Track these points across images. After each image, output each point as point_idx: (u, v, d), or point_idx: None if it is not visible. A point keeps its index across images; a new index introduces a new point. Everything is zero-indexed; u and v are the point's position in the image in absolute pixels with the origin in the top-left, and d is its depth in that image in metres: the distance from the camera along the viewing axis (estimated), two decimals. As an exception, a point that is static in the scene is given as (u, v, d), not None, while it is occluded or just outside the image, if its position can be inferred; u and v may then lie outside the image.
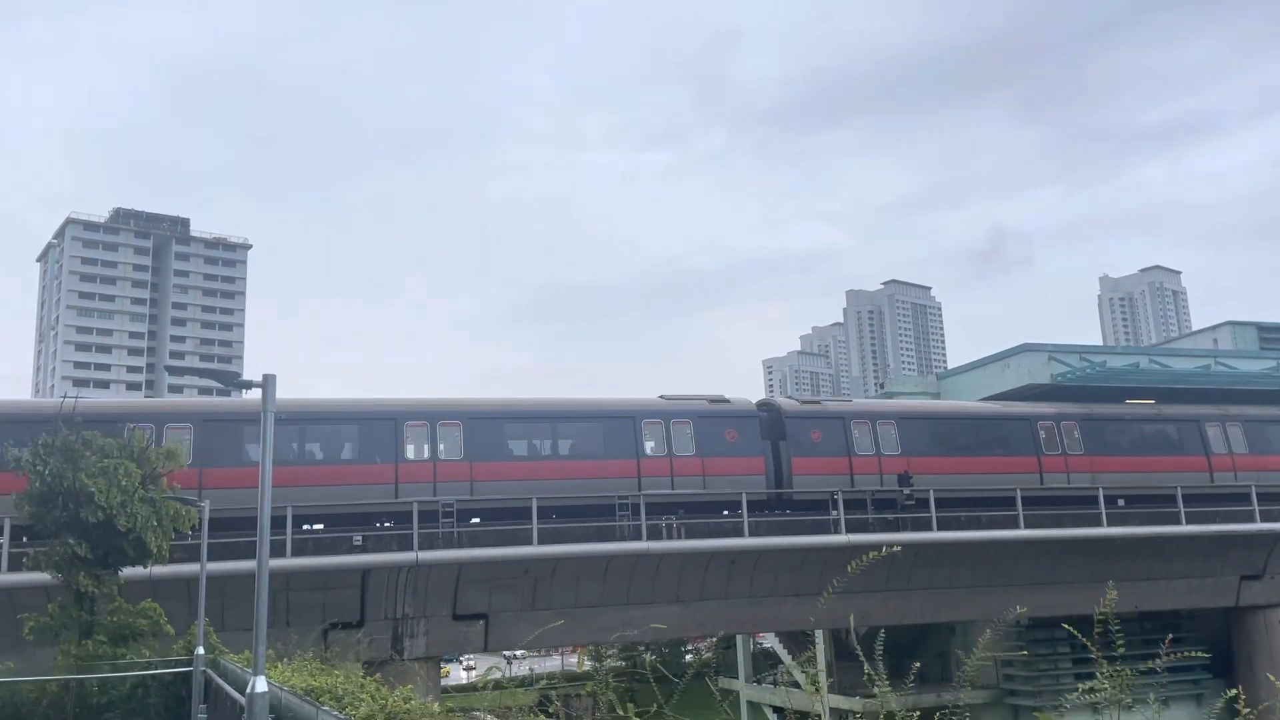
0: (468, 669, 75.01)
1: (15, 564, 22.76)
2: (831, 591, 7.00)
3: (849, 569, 7.19)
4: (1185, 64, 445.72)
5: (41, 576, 18.67)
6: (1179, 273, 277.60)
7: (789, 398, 34.28)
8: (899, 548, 7.69)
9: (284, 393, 11.51)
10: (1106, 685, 6.31)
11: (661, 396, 32.42)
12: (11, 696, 16.51)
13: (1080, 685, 6.96)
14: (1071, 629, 7.34)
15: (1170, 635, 8.84)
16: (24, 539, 22.91)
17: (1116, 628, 6.78)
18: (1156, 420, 38.44)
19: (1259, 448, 38.27)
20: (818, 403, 35.49)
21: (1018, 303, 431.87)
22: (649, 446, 30.73)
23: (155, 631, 18.91)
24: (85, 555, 17.69)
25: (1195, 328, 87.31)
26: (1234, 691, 7.54)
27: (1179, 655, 7.28)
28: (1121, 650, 6.70)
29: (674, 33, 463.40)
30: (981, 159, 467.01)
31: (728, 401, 32.72)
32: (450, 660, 74.56)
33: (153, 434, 24.32)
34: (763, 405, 33.82)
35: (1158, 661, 7.15)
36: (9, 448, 18.45)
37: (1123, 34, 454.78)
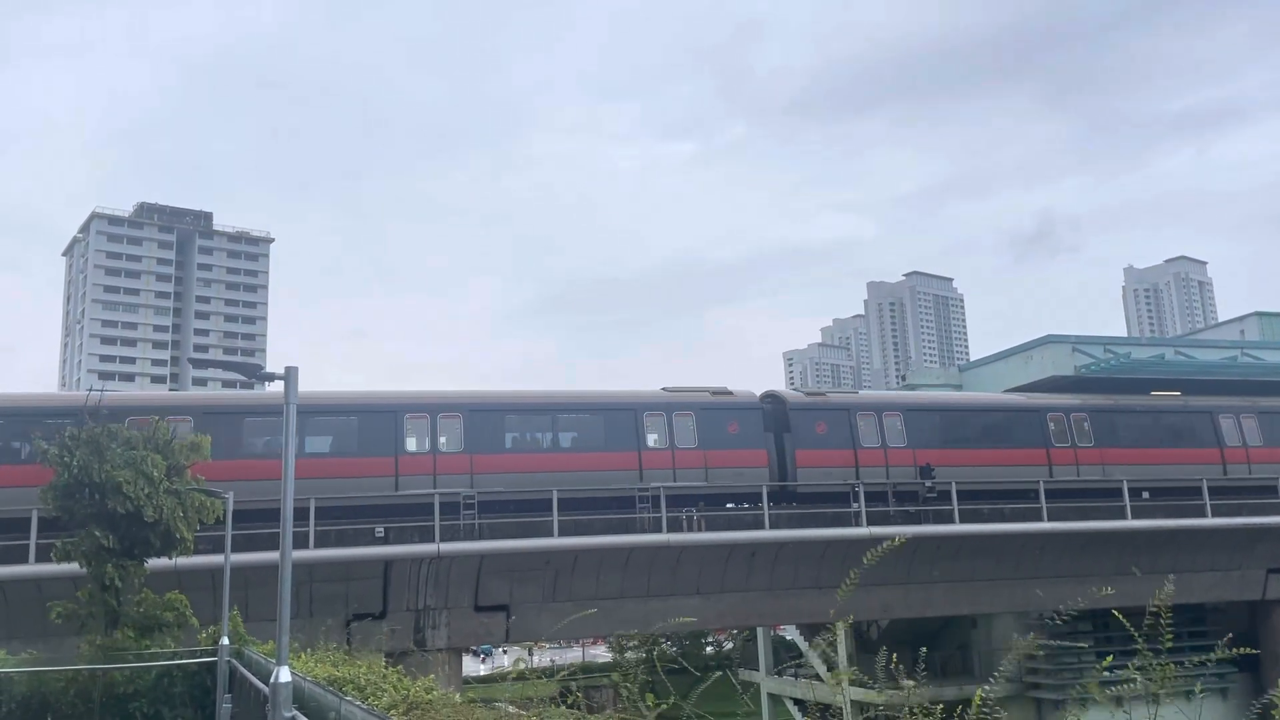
0: (483, 659, 75.17)
1: (43, 555, 23.03)
2: (849, 585, 6.93)
3: (865, 560, 7.14)
4: (1213, 50, 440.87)
5: (68, 568, 18.84)
6: (1205, 263, 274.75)
7: (794, 389, 33.90)
8: (902, 540, 7.60)
9: (304, 385, 11.56)
10: (1148, 677, 6.19)
11: (664, 389, 32.25)
12: (40, 685, 16.70)
13: (1113, 673, 6.85)
14: (1123, 619, 7.21)
15: (1199, 629, 8.70)
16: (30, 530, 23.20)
17: (1168, 620, 6.66)
18: (1169, 412, 37.73)
19: (1275, 439, 37.57)
20: (823, 394, 34.97)
21: (1042, 294, 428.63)
22: (651, 439, 30.54)
23: (180, 623, 19.07)
24: (112, 546, 17.85)
25: (1221, 318, 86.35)
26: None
27: (1233, 651, 7.13)
28: (1169, 643, 6.59)
29: (697, 24, 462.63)
30: (1006, 149, 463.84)
31: (731, 394, 32.42)
32: (484, 652, 74.95)
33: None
34: (767, 397, 33.47)
35: (1211, 655, 6.98)
36: (37, 440, 18.62)
37: (1149, 20, 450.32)
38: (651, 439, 30.55)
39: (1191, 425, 37.21)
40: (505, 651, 70.38)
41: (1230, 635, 8.25)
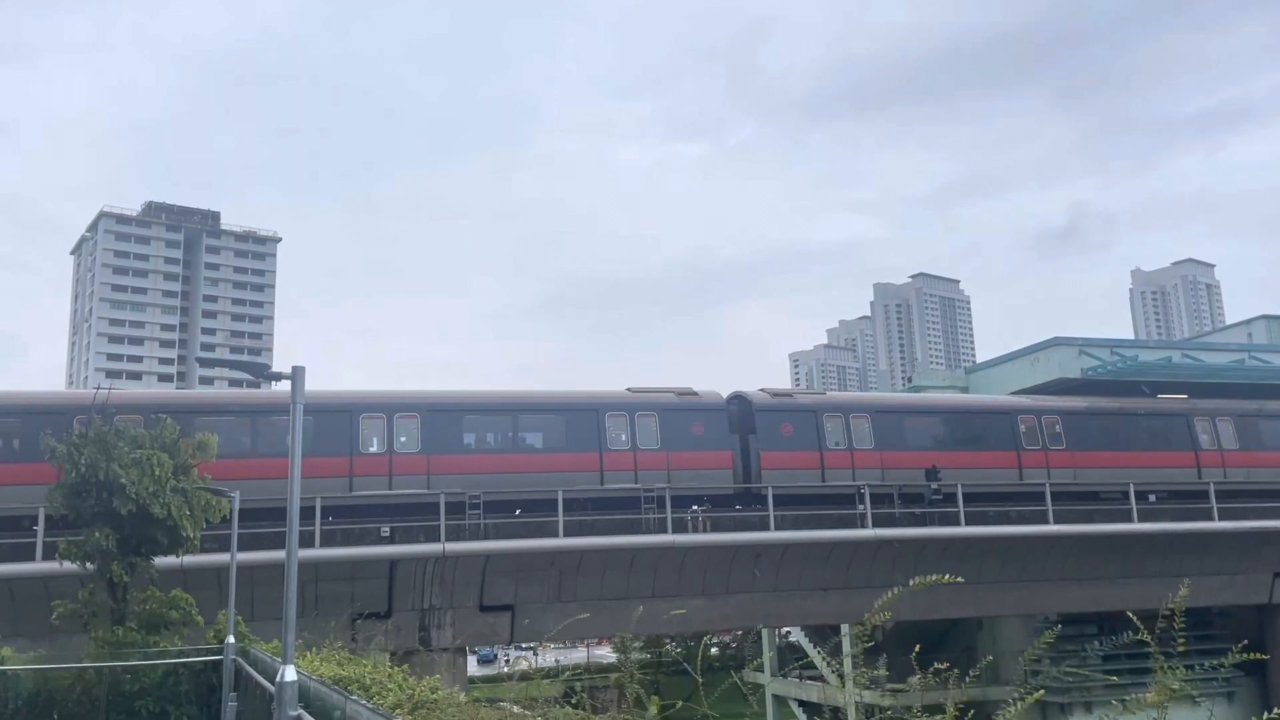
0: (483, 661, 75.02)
1: (49, 553, 23.09)
2: (862, 637, 6.91)
3: (867, 617, 7.09)
4: (1226, 52, 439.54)
5: (75, 566, 18.89)
6: (1213, 265, 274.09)
7: (762, 390, 33.23)
8: (887, 616, 7.53)
9: (311, 385, 11.57)
10: (1173, 684, 6.17)
11: (629, 389, 31.95)
12: (46, 683, 16.74)
13: (1138, 687, 6.83)
14: (1139, 623, 7.17)
15: (1204, 633, 8.66)
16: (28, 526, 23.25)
17: (1181, 625, 6.64)
18: (1144, 415, 37.18)
19: (1250, 443, 37.05)
20: (790, 395, 34.36)
21: (1050, 297, 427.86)
22: (613, 440, 30.18)
23: (186, 621, 19.11)
24: (113, 549, 17.87)
25: (1229, 321, 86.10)
26: None
27: (1247, 656, 7.08)
28: (1183, 648, 6.57)
29: (706, 22, 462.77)
30: (1017, 150, 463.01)
31: (696, 394, 32.08)
32: (484, 658, 74.84)
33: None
34: (733, 398, 33.03)
35: (1221, 659, 6.94)
36: (46, 438, 18.67)
37: (1162, 21, 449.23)
38: (614, 440, 30.20)
39: (1165, 429, 36.70)
40: (507, 660, 70.53)
41: (1244, 641, 8.20)
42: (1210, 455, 36.29)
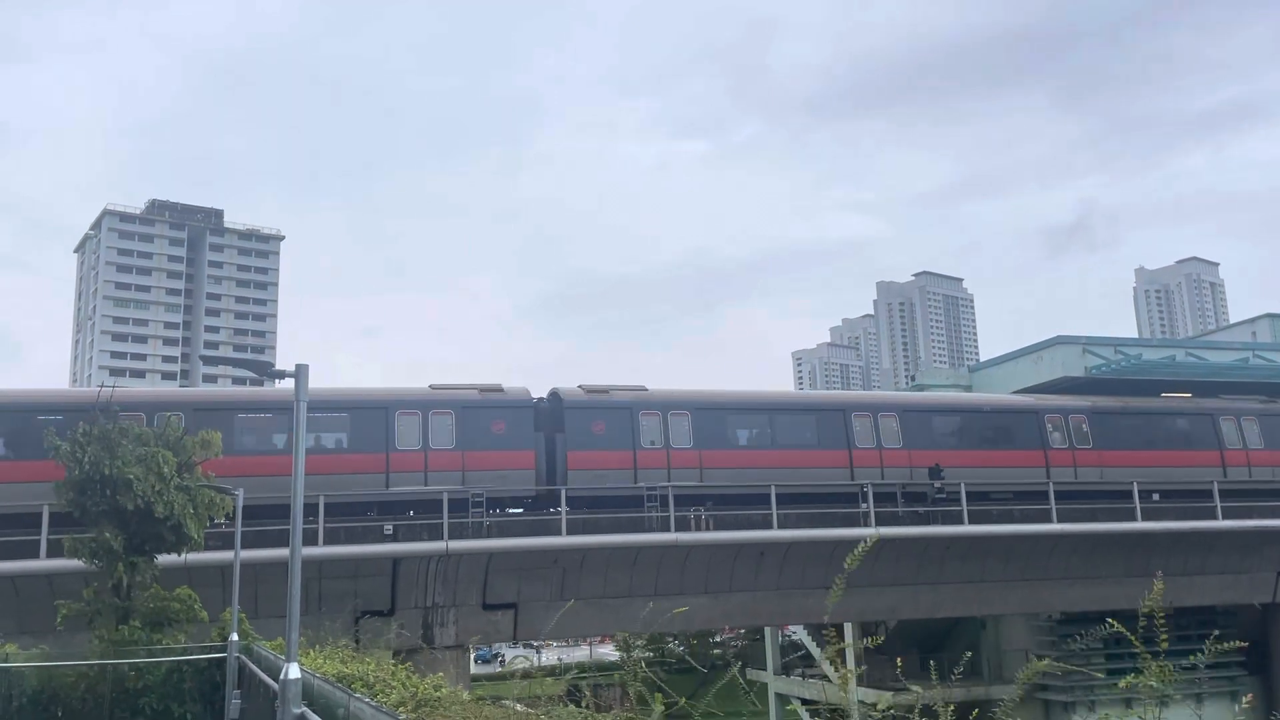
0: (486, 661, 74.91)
1: (54, 551, 23.14)
2: (838, 588, 6.95)
3: (846, 564, 7.13)
4: (1231, 51, 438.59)
5: (79, 563, 18.92)
6: (1216, 264, 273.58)
7: (580, 386, 31.72)
8: (875, 539, 7.59)
9: (314, 383, 11.56)
10: (1152, 681, 6.21)
11: (431, 386, 30.71)
12: (50, 680, 16.78)
13: (1120, 681, 6.87)
14: (1115, 623, 7.21)
15: (1209, 632, 8.67)
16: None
17: (1161, 623, 6.67)
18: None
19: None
20: (605, 391, 32.04)
21: (1053, 295, 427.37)
22: (402, 440, 28.92)
23: (190, 618, 19.15)
24: (119, 548, 17.91)
25: (1233, 320, 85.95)
26: None
27: (1225, 647, 7.13)
28: (1165, 645, 6.60)
29: (711, 21, 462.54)
30: (1021, 148, 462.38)
31: (501, 391, 30.82)
32: (480, 657, 74.72)
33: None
34: (551, 395, 31.71)
35: (1201, 658, 7.00)
36: (51, 435, 18.67)
37: (1166, 20, 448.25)
38: (403, 440, 28.92)
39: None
40: (502, 662, 70.50)
41: (1215, 632, 8.23)
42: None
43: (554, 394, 31.69)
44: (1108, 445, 34.86)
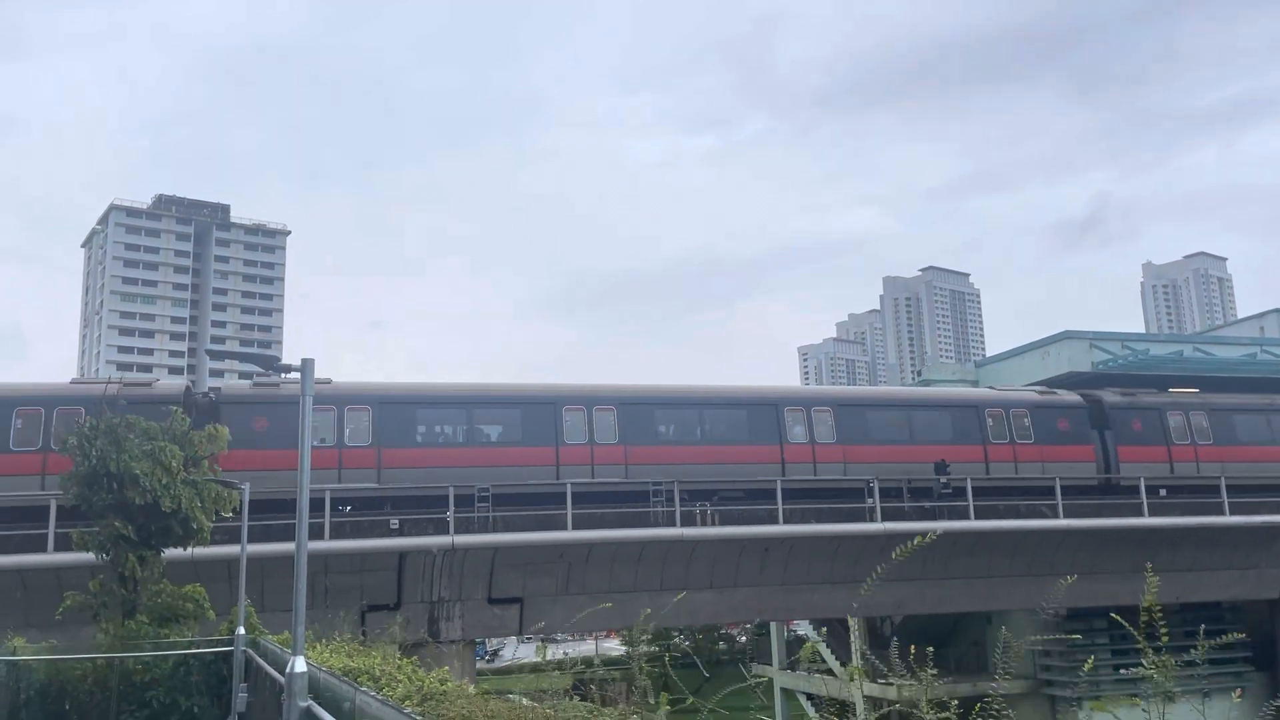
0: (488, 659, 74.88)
1: (61, 544, 23.21)
2: (873, 580, 6.96)
3: (894, 556, 7.14)
4: (1240, 45, 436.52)
5: (87, 557, 18.99)
6: (1224, 259, 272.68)
7: (243, 378, 29.60)
8: (934, 535, 7.59)
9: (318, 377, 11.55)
10: (1153, 673, 6.20)
11: (70, 380, 29.26)
12: (58, 674, 16.85)
13: (1125, 672, 6.88)
14: (1118, 618, 7.23)
15: (1216, 628, 8.65)
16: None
17: (1160, 618, 6.67)
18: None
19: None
20: (275, 385, 28.17)
21: (1061, 290, 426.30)
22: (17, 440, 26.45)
23: (198, 615, 19.22)
24: (130, 536, 17.99)
25: (1241, 315, 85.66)
26: None
27: (1219, 641, 7.12)
28: (1165, 640, 6.59)
29: (718, 16, 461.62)
30: (1029, 143, 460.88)
31: (148, 386, 28.81)
32: (479, 654, 74.75)
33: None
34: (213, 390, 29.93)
35: (1198, 653, 7.00)
36: (58, 429, 18.75)
37: (1175, 14, 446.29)
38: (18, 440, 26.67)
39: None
40: (492, 660, 70.54)
41: (1204, 626, 8.22)
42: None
43: (216, 390, 30.73)
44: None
